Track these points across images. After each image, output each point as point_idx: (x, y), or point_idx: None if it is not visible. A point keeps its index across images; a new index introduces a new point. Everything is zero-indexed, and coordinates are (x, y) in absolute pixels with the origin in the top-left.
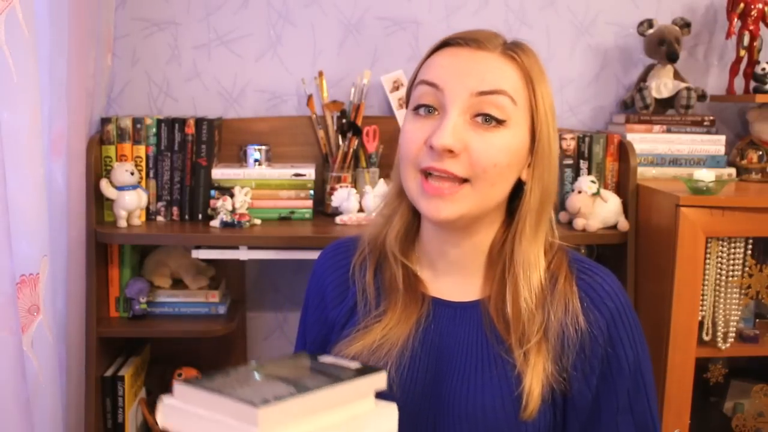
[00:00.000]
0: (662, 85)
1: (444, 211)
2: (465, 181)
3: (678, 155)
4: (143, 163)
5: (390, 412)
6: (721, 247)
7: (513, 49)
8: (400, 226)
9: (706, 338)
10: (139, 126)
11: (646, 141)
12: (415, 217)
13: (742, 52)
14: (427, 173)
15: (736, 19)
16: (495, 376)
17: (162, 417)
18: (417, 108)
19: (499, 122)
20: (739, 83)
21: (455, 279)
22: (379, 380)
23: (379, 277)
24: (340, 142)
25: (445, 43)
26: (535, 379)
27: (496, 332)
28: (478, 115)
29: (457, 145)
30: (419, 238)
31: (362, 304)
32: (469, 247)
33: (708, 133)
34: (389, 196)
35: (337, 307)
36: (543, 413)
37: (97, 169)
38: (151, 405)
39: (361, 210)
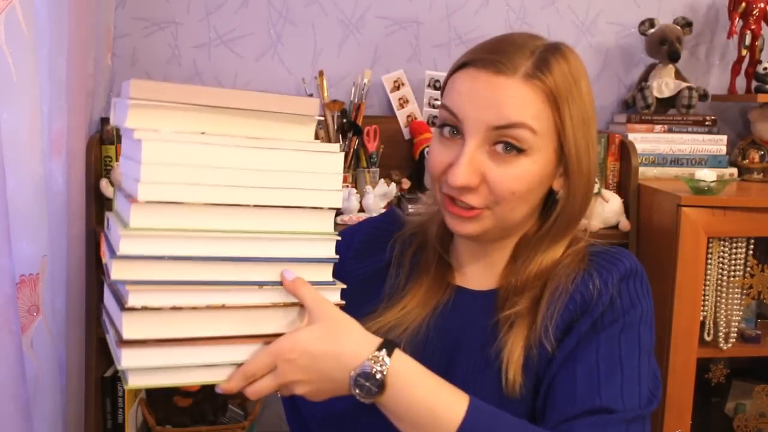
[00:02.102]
0: (663, 85)
1: (466, 229)
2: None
3: (679, 155)
4: None
5: (334, 148)
6: (722, 247)
7: (537, 74)
8: (440, 221)
9: (707, 338)
10: None
11: (647, 141)
12: None
13: (744, 52)
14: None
15: (737, 19)
16: (492, 371)
17: (113, 116)
18: (442, 127)
19: (519, 151)
20: (740, 83)
21: (479, 270)
22: (310, 105)
23: (417, 258)
24: (341, 141)
25: (468, 63)
26: (515, 344)
27: (499, 321)
28: (497, 143)
29: (473, 181)
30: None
31: (394, 275)
32: (496, 252)
33: (709, 132)
34: (432, 194)
35: (359, 260)
36: (527, 394)
37: (97, 169)
38: (151, 405)
39: (361, 210)
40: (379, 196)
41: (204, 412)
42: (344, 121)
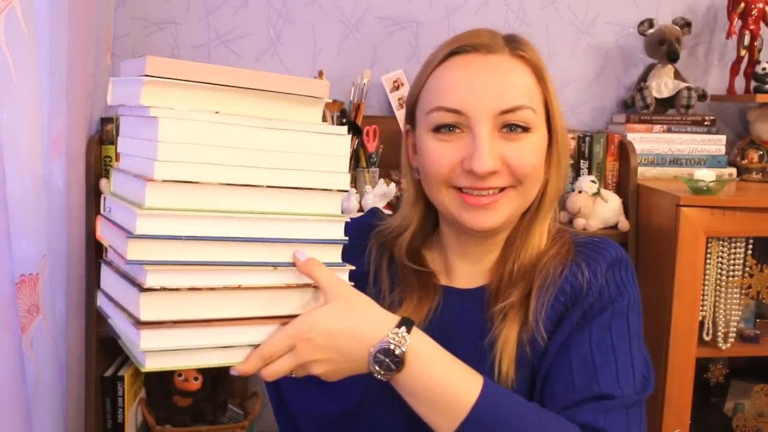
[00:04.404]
0: (663, 85)
1: (489, 221)
2: (505, 187)
3: (678, 155)
4: None
5: (342, 131)
6: (721, 247)
7: (518, 48)
8: (412, 235)
9: (706, 338)
10: None
11: (646, 141)
12: (429, 220)
13: (743, 52)
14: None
15: (736, 19)
16: (486, 366)
17: (110, 95)
18: (437, 129)
19: (525, 130)
20: (739, 83)
21: (467, 267)
22: (321, 87)
23: (393, 268)
24: None
25: (453, 52)
26: (509, 336)
27: (492, 314)
28: (505, 126)
29: (498, 165)
30: (438, 235)
31: (372, 285)
32: (490, 245)
33: (708, 132)
34: (405, 206)
35: None
36: (518, 389)
37: (97, 169)
38: (151, 405)
39: (361, 210)
40: (378, 196)
41: (204, 412)
42: (344, 121)
